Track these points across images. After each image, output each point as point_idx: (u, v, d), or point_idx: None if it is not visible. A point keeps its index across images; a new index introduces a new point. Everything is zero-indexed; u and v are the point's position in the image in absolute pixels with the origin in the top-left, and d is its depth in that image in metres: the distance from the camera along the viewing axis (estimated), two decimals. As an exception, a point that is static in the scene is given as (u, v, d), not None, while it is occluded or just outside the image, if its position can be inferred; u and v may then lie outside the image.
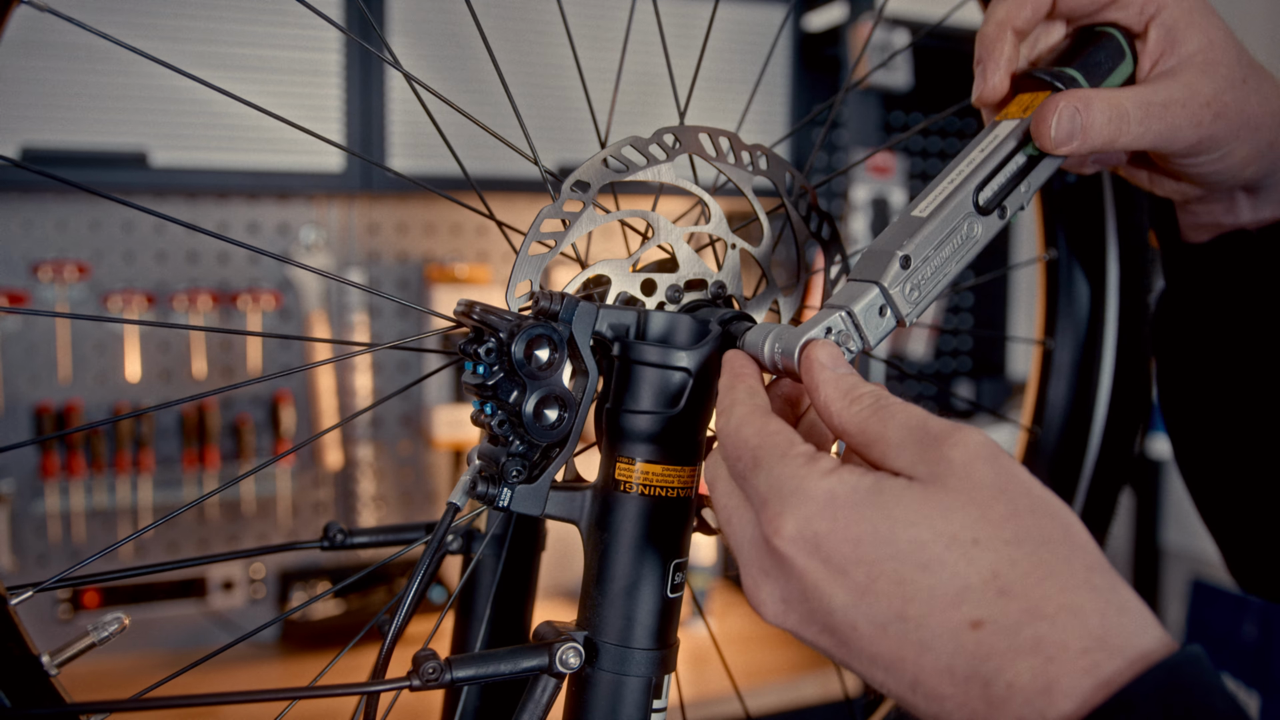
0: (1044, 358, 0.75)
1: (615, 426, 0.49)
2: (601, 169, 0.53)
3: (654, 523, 0.49)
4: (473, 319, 0.49)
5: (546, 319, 0.48)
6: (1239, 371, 0.64)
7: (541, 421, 0.47)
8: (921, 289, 0.49)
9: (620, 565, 0.49)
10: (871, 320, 0.48)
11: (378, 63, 1.97)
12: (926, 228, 0.49)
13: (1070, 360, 0.74)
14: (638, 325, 0.50)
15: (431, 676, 0.42)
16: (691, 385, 0.48)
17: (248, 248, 0.51)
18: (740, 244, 0.57)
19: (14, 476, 2.07)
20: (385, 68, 1.98)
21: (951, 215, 0.49)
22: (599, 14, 2.08)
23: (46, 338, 2.09)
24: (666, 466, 0.49)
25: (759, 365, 0.48)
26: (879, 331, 0.48)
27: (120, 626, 0.46)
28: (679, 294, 0.55)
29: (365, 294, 2.32)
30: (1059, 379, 0.74)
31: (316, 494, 2.33)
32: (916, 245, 0.48)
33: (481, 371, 0.48)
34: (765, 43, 2.28)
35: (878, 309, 0.48)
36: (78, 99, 1.80)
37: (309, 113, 1.94)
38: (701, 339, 0.50)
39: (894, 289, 0.48)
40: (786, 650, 2.21)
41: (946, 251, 0.49)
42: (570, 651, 0.47)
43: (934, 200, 0.50)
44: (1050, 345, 0.75)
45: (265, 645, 2.20)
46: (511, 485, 0.48)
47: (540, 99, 2.07)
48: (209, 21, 1.86)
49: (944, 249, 0.50)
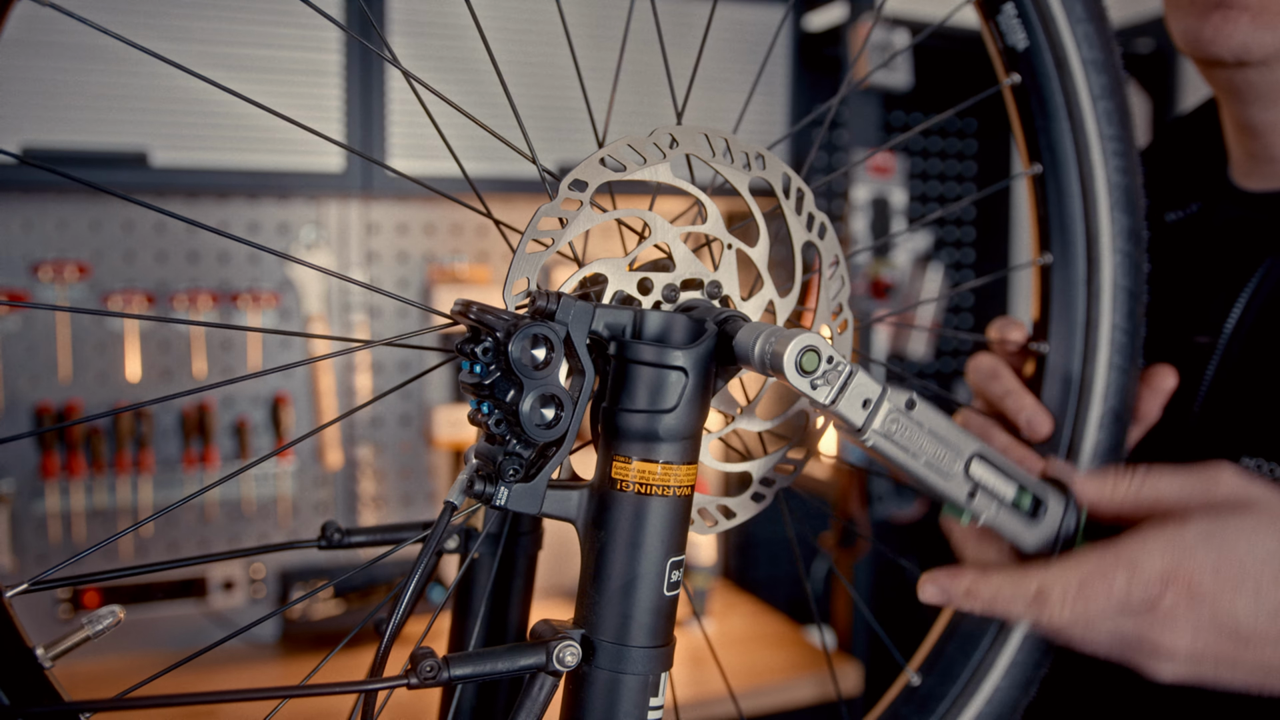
0: (1038, 362, 0.75)
1: (611, 425, 0.49)
2: (599, 168, 0.53)
3: (651, 521, 0.49)
4: (469, 318, 0.49)
5: (543, 318, 0.48)
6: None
7: (538, 421, 0.47)
8: (895, 440, 0.54)
9: (617, 564, 0.49)
10: (854, 396, 0.52)
11: (378, 63, 1.97)
12: (941, 426, 0.56)
13: (1062, 364, 0.74)
14: (634, 324, 0.50)
15: (429, 674, 0.42)
16: (687, 384, 0.48)
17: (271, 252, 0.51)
18: (737, 244, 0.57)
19: (14, 476, 2.07)
20: (385, 68, 1.98)
21: (954, 456, 0.57)
22: (597, 14, 2.08)
23: (47, 337, 2.09)
24: (663, 465, 0.49)
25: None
26: (845, 407, 0.52)
27: (115, 620, 0.46)
28: (675, 293, 0.55)
29: (365, 295, 2.32)
30: (1052, 382, 0.74)
31: (317, 494, 2.33)
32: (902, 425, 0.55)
33: (478, 371, 0.48)
34: (764, 43, 2.28)
35: (864, 400, 0.53)
36: (78, 99, 1.81)
37: (309, 112, 1.94)
38: (697, 338, 0.50)
39: (888, 404, 0.53)
40: (786, 651, 2.21)
41: (927, 453, 0.56)
42: (567, 650, 0.47)
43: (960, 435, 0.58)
44: (1044, 350, 0.74)
45: (265, 645, 2.21)
46: (508, 484, 0.48)
47: (538, 99, 2.07)
48: (209, 21, 1.86)
49: (928, 451, 0.56)
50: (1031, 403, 0.73)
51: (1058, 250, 0.74)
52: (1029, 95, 0.72)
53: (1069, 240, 0.74)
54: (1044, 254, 0.75)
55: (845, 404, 0.52)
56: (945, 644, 0.73)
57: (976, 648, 0.72)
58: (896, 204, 2.24)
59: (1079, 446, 0.74)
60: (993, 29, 0.72)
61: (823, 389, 0.51)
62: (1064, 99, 0.71)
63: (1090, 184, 0.72)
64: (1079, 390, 0.74)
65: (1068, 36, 0.70)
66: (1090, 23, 0.71)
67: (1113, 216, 0.73)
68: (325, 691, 0.40)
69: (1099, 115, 0.72)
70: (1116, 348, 0.74)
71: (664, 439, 0.49)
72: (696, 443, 0.51)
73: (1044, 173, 0.73)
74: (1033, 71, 0.72)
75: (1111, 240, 0.73)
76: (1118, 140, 0.72)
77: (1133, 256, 0.74)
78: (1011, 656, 0.71)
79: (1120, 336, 0.74)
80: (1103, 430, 0.74)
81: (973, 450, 0.58)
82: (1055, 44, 0.70)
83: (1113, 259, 0.73)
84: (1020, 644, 0.71)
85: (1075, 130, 0.72)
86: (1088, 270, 0.73)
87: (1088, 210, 0.73)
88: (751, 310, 0.58)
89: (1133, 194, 0.73)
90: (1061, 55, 0.71)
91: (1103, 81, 0.71)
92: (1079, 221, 0.73)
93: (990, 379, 0.76)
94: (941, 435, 0.56)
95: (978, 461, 0.58)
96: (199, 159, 1.89)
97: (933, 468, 0.56)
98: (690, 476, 0.50)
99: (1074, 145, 0.72)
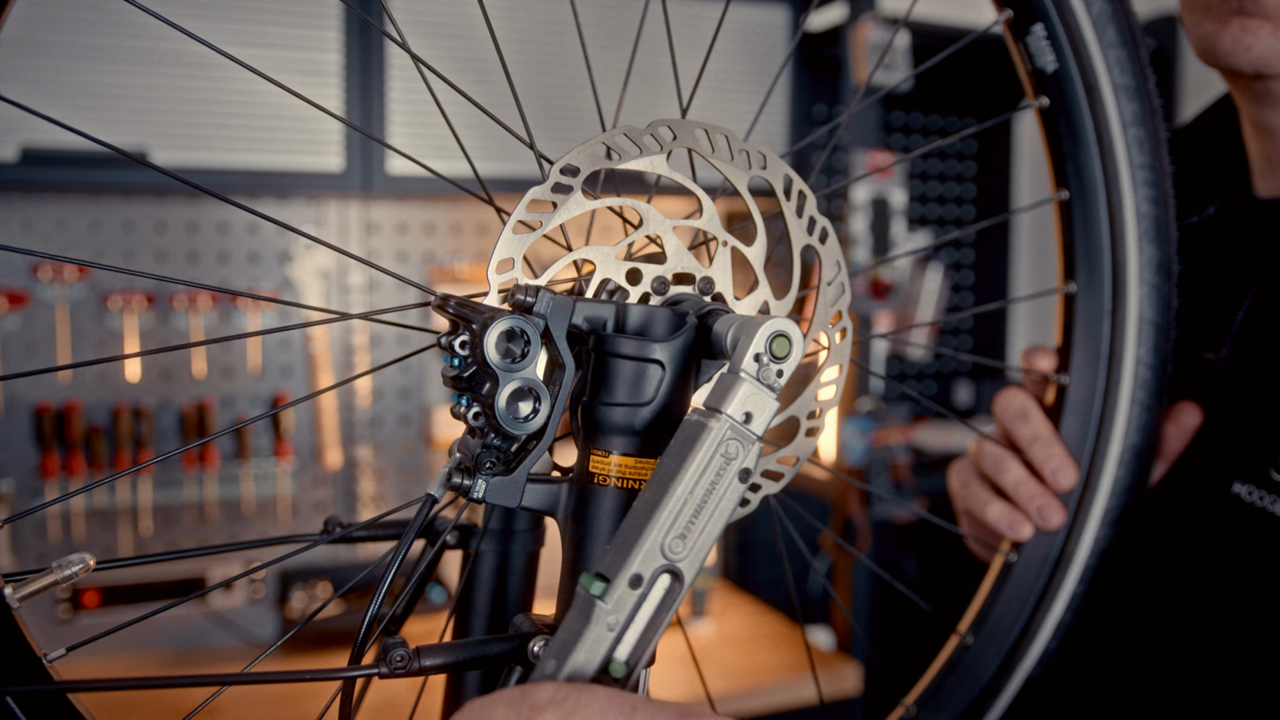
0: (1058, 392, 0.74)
1: (590, 419, 0.49)
2: (592, 155, 0.53)
3: (630, 515, 0.49)
4: (448, 311, 0.49)
5: (522, 311, 0.48)
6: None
7: (514, 414, 0.47)
8: (708, 456, 0.44)
9: (595, 558, 0.49)
10: (753, 399, 0.45)
11: (378, 62, 1.98)
12: (720, 516, 0.45)
13: (1085, 396, 0.73)
14: (615, 318, 0.50)
15: (400, 664, 0.42)
16: (665, 377, 0.48)
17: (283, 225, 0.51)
18: (733, 242, 0.56)
19: (14, 476, 2.08)
20: (385, 67, 1.99)
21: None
22: (599, 14, 2.08)
23: (46, 337, 2.09)
24: (641, 459, 0.49)
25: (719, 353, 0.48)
26: (743, 391, 0.45)
27: (85, 566, 0.46)
28: (665, 286, 0.55)
29: (365, 295, 2.33)
30: (1072, 415, 0.73)
31: (316, 493, 2.33)
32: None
33: (456, 364, 0.48)
34: (765, 42, 2.28)
35: (747, 412, 0.45)
36: (78, 99, 1.81)
37: (310, 112, 1.94)
38: (677, 331, 0.50)
39: (752, 445, 0.45)
40: (787, 651, 2.21)
41: (696, 501, 0.44)
42: (540, 642, 0.47)
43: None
44: (1065, 381, 0.73)
45: (265, 645, 2.21)
46: (486, 477, 0.48)
47: (543, 98, 2.07)
48: (210, 21, 1.87)
49: (696, 503, 0.43)
50: (1061, 453, 0.71)
51: (1083, 279, 0.72)
52: (1057, 119, 0.71)
53: (1095, 269, 0.72)
54: (1069, 282, 0.73)
55: (745, 389, 0.45)
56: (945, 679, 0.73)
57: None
58: (896, 204, 2.24)
59: (1096, 482, 0.72)
60: (1021, 50, 0.70)
61: (752, 367, 0.45)
62: (1093, 124, 0.70)
63: (1118, 213, 0.70)
64: (1099, 425, 0.72)
65: (1099, 61, 0.68)
66: (1123, 48, 0.69)
67: (1140, 247, 0.71)
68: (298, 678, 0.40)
69: (1129, 142, 0.70)
70: (1140, 383, 0.72)
71: (643, 433, 0.49)
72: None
73: (1071, 199, 0.71)
74: (1061, 95, 0.70)
75: (1139, 272, 0.71)
76: (1149, 169, 0.70)
77: (1161, 290, 0.72)
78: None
79: (1145, 371, 0.72)
80: (1122, 467, 0.72)
81: (687, 572, 0.44)
82: (1085, 68, 0.69)
83: (1139, 291, 0.71)
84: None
85: (1104, 157, 0.70)
86: (1113, 302, 0.72)
87: (1115, 240, 0.71)
88: (745, 310, 0.57)
89: (1163, 225, 0.71)
90: (1092, 80, 0.69)
91: (1134, 108, 0.69)
92: (1105, 251, 0.71)
93: (1019, 420, 0.74)
94: (709, 520, 0.44)
95: (669, 581, 0.44)
96: (199, 159, 1.90)
97: (674, 518, 0.43)
98: (669, 470, 0.50)
99: (1103, 172, 0.70)
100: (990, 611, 0.73)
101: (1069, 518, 0.73)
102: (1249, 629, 0.73)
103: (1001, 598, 0.73)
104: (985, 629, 0.73)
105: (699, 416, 0.45)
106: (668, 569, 0.43)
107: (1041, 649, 0.72)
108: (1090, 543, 0.73)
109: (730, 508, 0.44)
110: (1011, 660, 0.72)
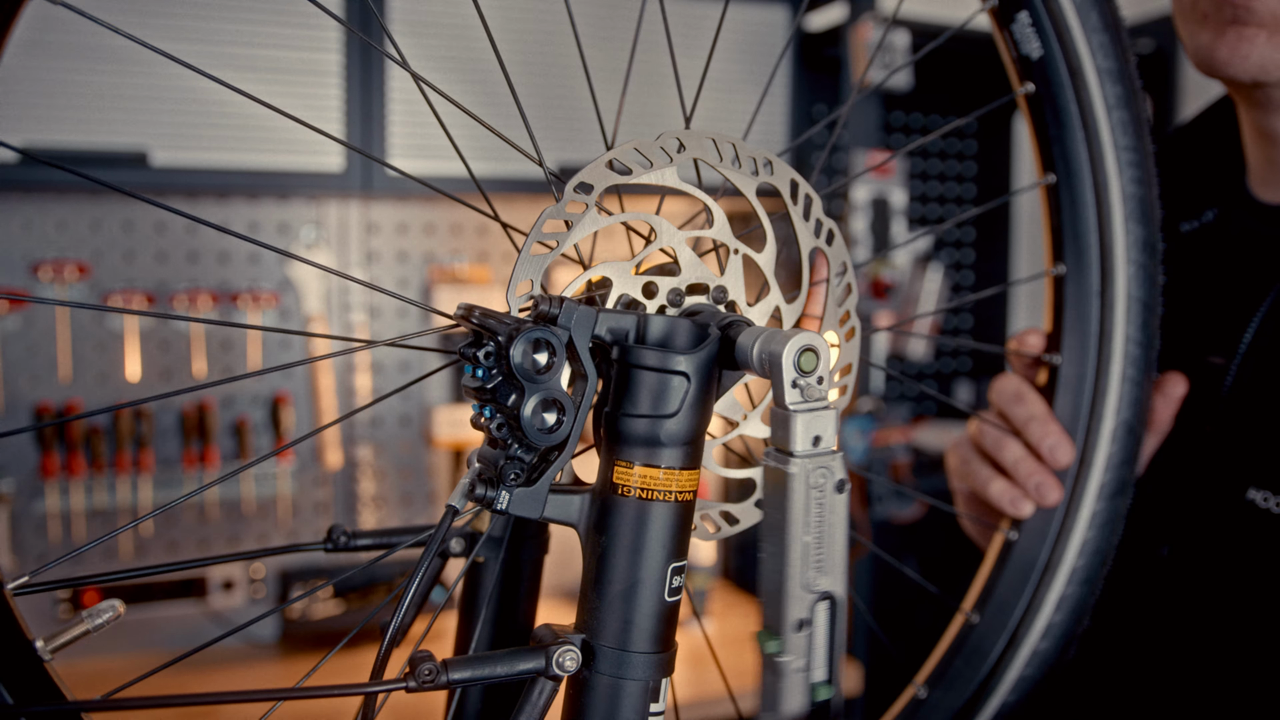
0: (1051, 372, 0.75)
1: (614, 430, 0.49)
2: (605, 171, 0.53)
3: (653, 527, 0.49)
4: (472, 322, 0.49)
5: (545, 323, 0.48)
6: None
7: (539, 425, 0.47)
8: (806, 493, 0.47)
9: (618, 569, 0.49)
10: (814, 423, 0.47)
11: (378, 63, 1.97)
12: (839, 534, 0.48)
13: (1077, 375, 0.74)
14: (637, 329, 0.50)
15: (428, 678, 0.42)
16: (690, 389, 0.48)
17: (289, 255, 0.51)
18: (743, 249, 0.57)
19: (14, 476, 2.07)
20: (386, 68, 1.98)
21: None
22: (599, 15, 2.08)
23: (47, 337, 2.09)
24: (665, 470, 0.49)
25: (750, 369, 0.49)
26: (800, 423, 0.47)
27: (115, 614, 0.46)
28: (680, 298, 0.55)
29: (365, 295, 2.32)
30: (1065, 394, 0.74)
31: (317, 494, 2.33)
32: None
33: (480, 375, 0.48)
34: (765, 43, 2.28)
35: (815, 436, 0.48)
36: (78, 99, 1.80)
37: (310, 113, 1.94)
38: (700, 343, 0.50)
39: (833, 460, 0.47)
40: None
41: (812, 537, 0.47)
42: (567, 655, 0.47)
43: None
44: (1057, 361, 0.74)
45: (265, 645, 2.20)
46: (510, 488, 0.48)
47: (542, 99, 2.07)
48: (210, 21, 1.86)
49: (814, 537, 0.47)
50: (1057, 430, 0.72)
51: (1071, 261, 0.73)
52: (1043, 104, 0.72)
53: (1083, 251, 0.73)
54: (1057, 264, 0.74)
55: (802, 421, 0.48)
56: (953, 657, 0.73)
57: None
58: (896, 204, 2.24)
59: (1091, 459, 0.73)
60: (1006, 37, 0.71)
61: (796, 397, 0.48)
62: (1078, 108, 0.71)
63: (1105, 194, 0.72)
64: (1091, 402, 0.73)
65: (1083, 46, 0.69)
66: (1105, 32, 0.70)
67: (1127, 227, 0.72)
68: (325, 694, 0.40)
69: (1114, 125, 0.71)
70: (1130, 360, 0.73)
71: (666, 444, 0.49)
72: (699, 448, 0.51)
73: (1058, 183, 0.72)
74: (1047, 81, 0.71)
75: (1126, 251, 0.72)
76: (1133, 150, 0.71)
77: (1147, 268, 0.73)
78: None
79: (1134, 349, 0.73)
80: (1115, 443, 0.73)
81: (836, 589, 0.47)
82: (1070, 53, 0.70)
83: (1127, 270, 0.73)
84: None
85: (1090, 140, 0.71)
86: (1101, 281, 0.73)
87: (1102, 221, 0.72)
88: (757, 315, 0.57)
89: (1148, 205, 0.72)
90: (1076, 64, 0.70)
91: (1118, 91, 0.70)
92: (1093, 232, 0.73)
93: (1015, 402, 0.75)
94: (833, 541, 0.47)
95: (827, 605, 0.47)
96: (199, 159, 1.89)
97: (804, 558, 0.47)
98: (693, 482, 0.50)
99: (1088, 155, 0.71)
100: (994, 589, 0.75)
101: (1066, 494, 0.74)
102: (1264, 633, 0.73)
103: (1004, 575, 0.75)
104: (990, 606, 0.74)
105: (776, 463, 0.47)
106: (819, 599, 0.47)
107: (1045, 622, 0.73)
108: (1088, 517, 0.74)
109: (843, 517, 0.47)
110: (1017, 635, 0.73)
